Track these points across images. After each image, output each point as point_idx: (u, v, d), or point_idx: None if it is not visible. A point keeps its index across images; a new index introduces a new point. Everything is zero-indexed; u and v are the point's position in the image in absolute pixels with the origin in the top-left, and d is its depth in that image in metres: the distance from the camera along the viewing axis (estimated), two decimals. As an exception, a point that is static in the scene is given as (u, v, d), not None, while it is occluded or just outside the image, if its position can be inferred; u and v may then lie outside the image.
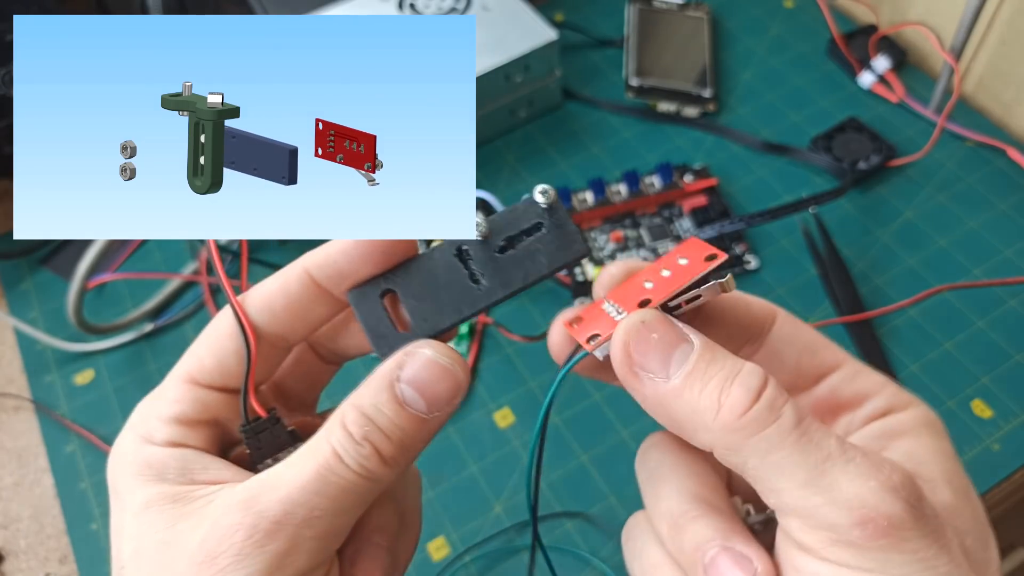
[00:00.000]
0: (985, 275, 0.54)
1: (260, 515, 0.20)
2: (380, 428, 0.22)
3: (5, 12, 0.57)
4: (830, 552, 0.19)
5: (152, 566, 0.21)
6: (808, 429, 0.19)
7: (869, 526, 0.18)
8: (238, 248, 0.56)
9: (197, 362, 0.25)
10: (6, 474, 0.50)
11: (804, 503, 0.19)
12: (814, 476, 0.19)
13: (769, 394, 0.19)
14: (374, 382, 0.22)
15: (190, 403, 0.24)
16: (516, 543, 0.45)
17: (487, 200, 0.56)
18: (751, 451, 0.19)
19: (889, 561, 0.18)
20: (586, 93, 0.65)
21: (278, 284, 0.25)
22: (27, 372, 0.53)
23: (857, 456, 0.19)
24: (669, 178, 0.58)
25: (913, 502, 0.18)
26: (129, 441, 0.24)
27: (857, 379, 0.23)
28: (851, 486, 0.18)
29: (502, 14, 0.59)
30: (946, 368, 0.50)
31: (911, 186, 0.58)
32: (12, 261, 0.58)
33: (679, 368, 0.20)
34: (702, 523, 0.21)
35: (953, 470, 0.21)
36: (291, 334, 0.25)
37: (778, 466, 0.19)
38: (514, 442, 0.49)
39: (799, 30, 0.69)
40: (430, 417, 0.22)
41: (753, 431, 0.19)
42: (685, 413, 0.20)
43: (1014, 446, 0.47)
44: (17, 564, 0.47)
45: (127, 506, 0.22)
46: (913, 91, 0.63)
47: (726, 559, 0.20)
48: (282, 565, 0.20)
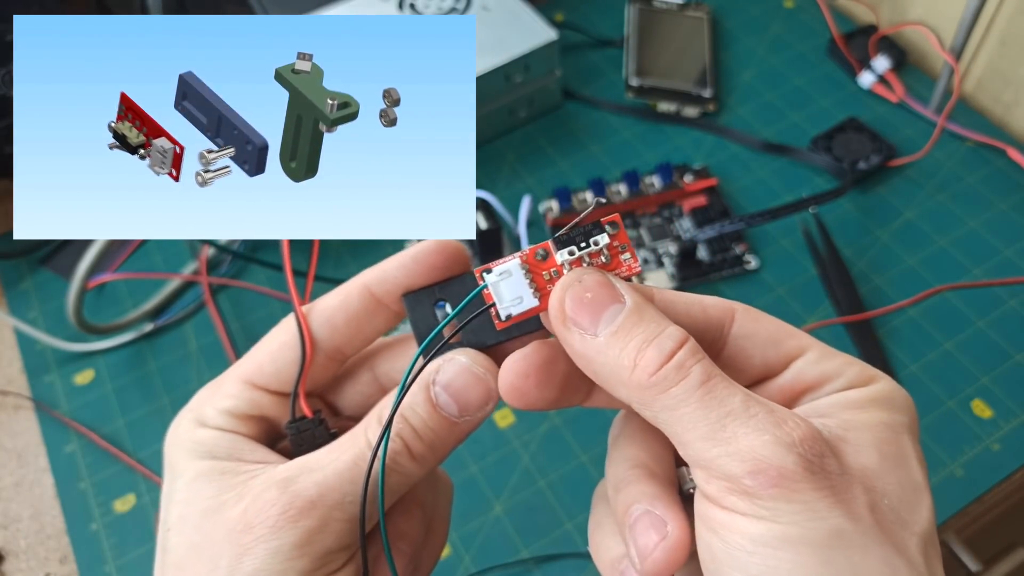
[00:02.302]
0: (985, 275, 0.54)
1: (296, 494, 0.22)
2: (413, 427, 0.23)
3: (5, 12, 0.57)
4: (728, 500, 0.20)
5: (194, 530, 0.23)
6: (714, 388, 0.21)
7: (760, 476, 0.19)
8: (239, 248, 0.56)
9: (256, 366, 0.26)
10: (6, 474, 0.50)
11: (706, 455, 0.20)
12: (715, 430, 0.20)
13: (680, 356, 0.21)
14: (416, 386, 0.24)
15: (244, 400, 0.26)
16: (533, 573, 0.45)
17: (487, 200, 0.56)
18: (660, 407, 0.21)
19: (779, 510, 0.19)
20: (586, 93, 0.65)
21: (339, 300, 0.26)
22: (27, 372, 0.53)
23: (760, 412, 0.20)
24: (669, 178, 0.58)
25: (809, 457, 0.20)
26: (185, 422, 0.26)
27: (822, 362, 0.24)
28: (747, 439, 0.20)
29: (502, 14, 0.59)
30: (946, 368, 0.50)
31: (911, 186, 0.59)
32: (12, 261, 0.58)
33: (606, 327, 0.21)
34: (635, 487, 0.23)
35: (889, 439, 0.22)
36: (348, 347, 0.27)
37: (683, 421, 0.20)
38: (514, 442, 0.49)
39: (799, 30, 0.69)
40: (461, 421, 0.24)
41: (661, 389, 0.21)
42: (607, 369, 0.21)
43: (1014, 446, 0.47)
44: (17, 564, 0.47)
45: (179, 475, 0.24)
46: (913, 91, 0.63)
47: (645, 521, 0.22)
48: (311, 541, 0.22)
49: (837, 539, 0.19)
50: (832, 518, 0.19)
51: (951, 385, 0.49)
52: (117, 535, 0.47)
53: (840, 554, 0.19)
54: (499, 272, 0.23)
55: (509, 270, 0.23)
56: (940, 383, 0.49)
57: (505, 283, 0.23)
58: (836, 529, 0.19)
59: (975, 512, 0.49)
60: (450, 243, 0.26)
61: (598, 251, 0.23)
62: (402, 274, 0.26)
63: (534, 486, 0.47)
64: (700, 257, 0.55)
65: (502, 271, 0.23)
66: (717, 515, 0.20)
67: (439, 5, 0.61)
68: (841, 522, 0.19)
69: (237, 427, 0.26)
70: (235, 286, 0.56)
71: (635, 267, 0.24)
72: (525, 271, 0.23)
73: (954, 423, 0.48)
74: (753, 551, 0.19)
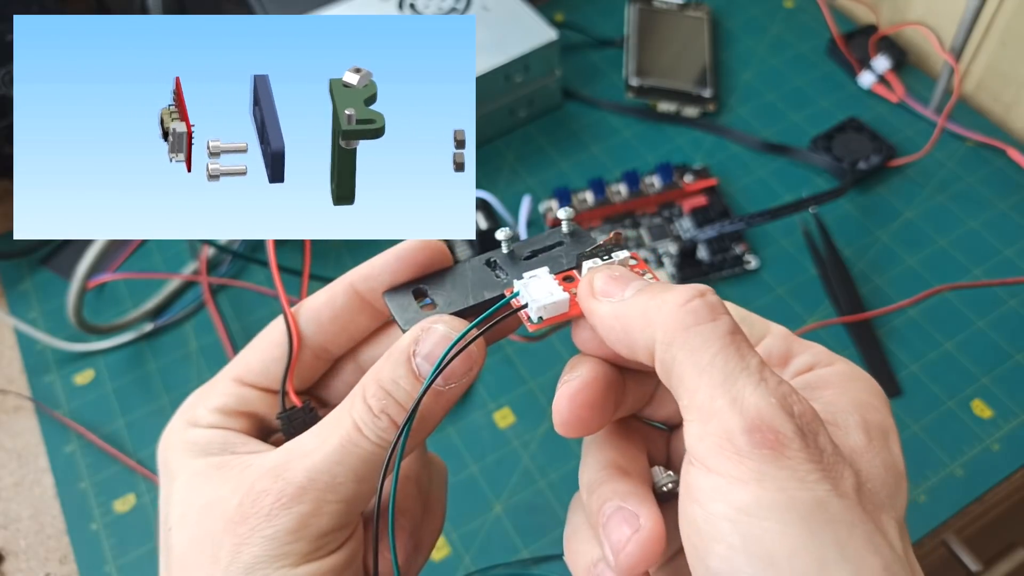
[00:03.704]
0: (985, 275, 0.54)
1: (287, 481, 0.23)
2: (398, 401, 0.23)
3: (5, 12, 0.57)
4: (715, 460, 0.20)
5: (195, 526, 0.24)
6: (737, 341, 0.21)
7: (756, 434, 0.19)
8: (239, 248, 0.56)
9: (244, 365, 0.27)
10: (6, 474, 0.50)
11: (711, 403, 0.20)
12: (728, 380, 0.20)
13: (712, 299, 0.21)
14: (392, 356, 0.24)
15: (234, 398, 0.27)
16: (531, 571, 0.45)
17: (487, 200, 0.56)
18: (682, 344, 0.21)
19: (766, 473, 0.19)
20: (586, 93, 0.65)
21: (325, 297, 0.27)
22: (27, 372, 0.53)
23: (771, 379, 0.20)
24: (669, 178, 0.58)
25: (806, 430, 0.20)
26: (178, 424, 0.26)
27: (784, 341, 0.25)
28: (753, 397, 0.20)
29: (502, 14, 0.59)
30: (946, 368, 0.50)
31: (911, 186, 0.59)
32: (12, 261, 0.58)
33: (634, 289, 0.22)
34: (607, 486, 0.24)
35: (872, 421, 0.22)
36: (334, 344, 0.27)
37: (700, 364, 0.20)
38: (514, 442, 0.49)
39: (799, 30, 0.69)
40: (446, 389, 0.24)
41: (691, 323, 0.21)
42: (635, 314, 0.22)
43: (1014, 446, 0.47)
44: (17, 564, 0.47)
45: (175, 477, 0.25)
46: (913, 91, 0.63)
47: (617, 517, 0.23)
48: (306, 524, 0.22)
49: (823, 511, 0.19)
50: (820, 489, 0.19)
51: (951, 385, 0.49)
52: (117, 535, 0.47)
53: (826, 527, 0.19)
54: (529, 276, 0.24)
55: (537, 274, 0.24)
56: (940, 383, 0.49)
57: (534, 283, 0.24)
58: (822, 501, 0.19)
59: (975, 512, 0.49)
60: (432, 242, 0.26)
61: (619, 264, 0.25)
62: (386, 272, 0.26)
63: (534, 486, 0.47)
64: (700, 257, 0.55)
65: (532, 275, 0.24)
66: (702, 482, 0.20)
67: (439, 5, 0.61)
68: (828, 496, 0.19)
69: (228, 423, 0.26)
70: (235, 286, 0.56)
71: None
72: (552, 276, 0.24)
73: (954, 423, 0.48)
74: (736, 519, 0.19)
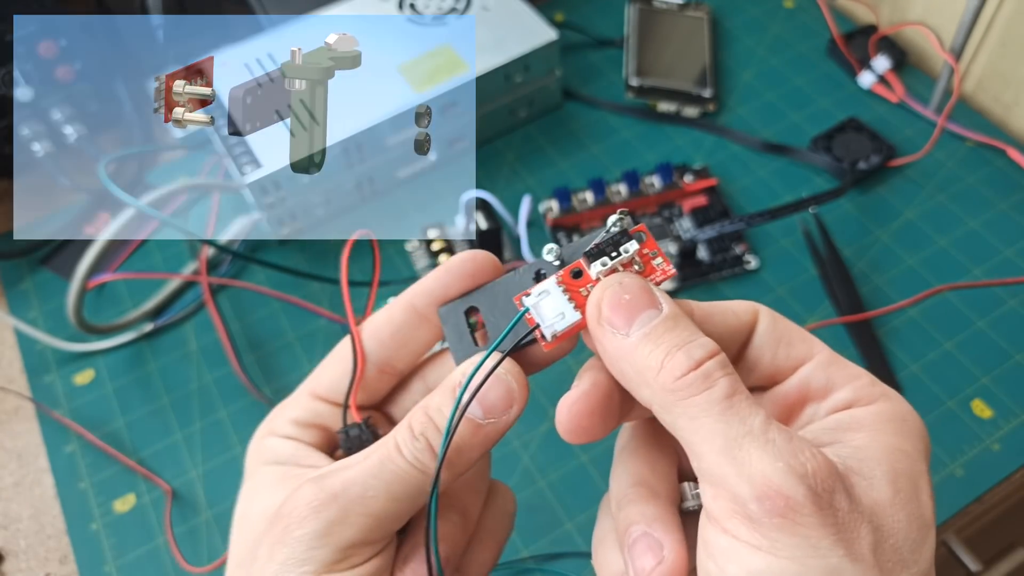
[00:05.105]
0: (985, 275, 0.54)
1: (322, 488, 0.24)
2: (438, 427, 0.24)
3: (5, 12, 0.57)
4: (730, 523, 0.20)
5: (250, 527, 0.25)
6: (736, 403, 0.21)
7: (767, 502, 0.19)
8: (239, 248, 0.56)
9: (317, 379, 0.28)
10: (6, 474, 0.50)
11: (718, 470, 0.20)
12: (731, 447, 0.20)
13: (709, 366, 0.21)
14: (442, 386, 0.25)
15: (307, 410, 0.28)
16: (529, 567, 0.45)
17: (487, 200, 0.56)
18: (680, 413, 0.21)
19: (779, 541, 0.19)
20: (586, 93, 0.65)
21: (385, 316, 0.28)
22: (27, 372, 0.53)
23: (778, 438, 0.20)
24: (669, 178, 0.58)
25: (819, 491, 0.19)
26: (261, 432, 0.28)
27: (829, 369, 0.24)
28: (761, 463, 0.19)
29: (502, 14, 0.59)
30: (946, 368, 0.50)
31: (911, 186, 0.58)
32: (12, 261, 0.58)
33: (640, 328, 0.22)
34: (636, 507, 0.24)
35: (902, 471, 0.22)
36: (397, 359, 0.28)
37: (701, 432, 0.20)
38: (514, 442, 0.49)
39: (799, 30, 0.69)
40: (485, 423, 0.24)
41: (685, 395, 0.21)
42: (634, 368, 0.22)
43: (1014, 446, 0.47)
44: (17, 564, 0.47)
45: (248, 478, 0.27)
46: (913, 91, 0.63)
47: (643, 543, 0.23)
48: (331, 532, 0.23)
49: None
50: (832, 557, 0.19)
51: (951, 385, 0.49)
52: (117, 535, 0.47)
53: None
54: (538, 292, 0.24)
55: (547, 289, 0.24)
56: (940, 383, 0.49)
57: (545, 302, 0.24)
58: (836, 569, 0.19)
59: (975, 512, 0.49)
60: (479, 252, 0.27)
61: (630, 260, 0.24)
62: (439, 286, 0.27)
63: (534, 486, 0.47)
64: (700, 257, 0.55)
65: (541, 291, 0.24)
66: (718, 540, 0.20)
67: (439, 5, 0.60)
68: (841, 562, 0.19)
69: (300, 435, 0.28)
70: (235, 286, 0.56)
71: (669, 271, 0.24)
72: (562, 290, 0.24)
73: (954, 423, 0.48)
74: None
